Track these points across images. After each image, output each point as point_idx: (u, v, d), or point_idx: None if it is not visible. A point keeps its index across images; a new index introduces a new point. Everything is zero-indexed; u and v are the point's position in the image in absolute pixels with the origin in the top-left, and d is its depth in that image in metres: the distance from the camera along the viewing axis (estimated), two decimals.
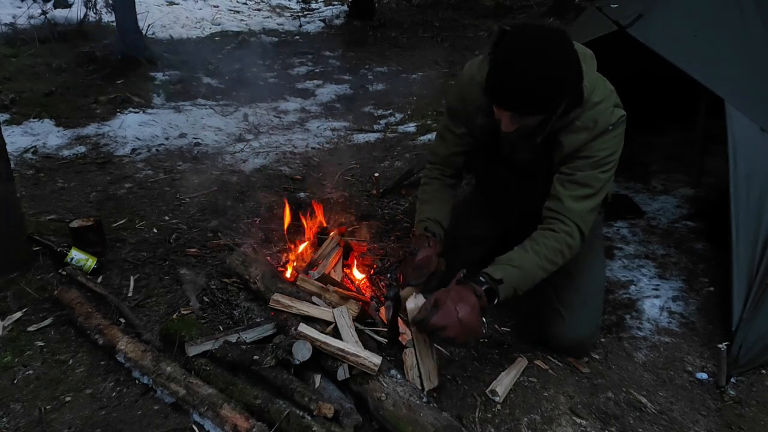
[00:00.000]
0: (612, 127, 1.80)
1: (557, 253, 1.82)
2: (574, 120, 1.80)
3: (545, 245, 1.82)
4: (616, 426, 1.82)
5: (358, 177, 3.67)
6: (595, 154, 1.81)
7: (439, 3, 9.15)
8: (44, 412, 1.88)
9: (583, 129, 1.80)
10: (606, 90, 1.83)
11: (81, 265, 2.55)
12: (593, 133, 1.80)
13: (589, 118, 1.79)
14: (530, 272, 1.81)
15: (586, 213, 1.84)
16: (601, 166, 1.83)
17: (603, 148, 1.81)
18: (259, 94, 5.32)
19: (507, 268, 1.79)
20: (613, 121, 1.80)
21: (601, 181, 1.84)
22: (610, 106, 1.81)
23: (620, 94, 1.90)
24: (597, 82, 1.82)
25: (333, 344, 1.84)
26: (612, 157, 1.84)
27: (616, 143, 1.84)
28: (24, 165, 3.81)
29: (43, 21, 7.07)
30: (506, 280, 1.77)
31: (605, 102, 1.81)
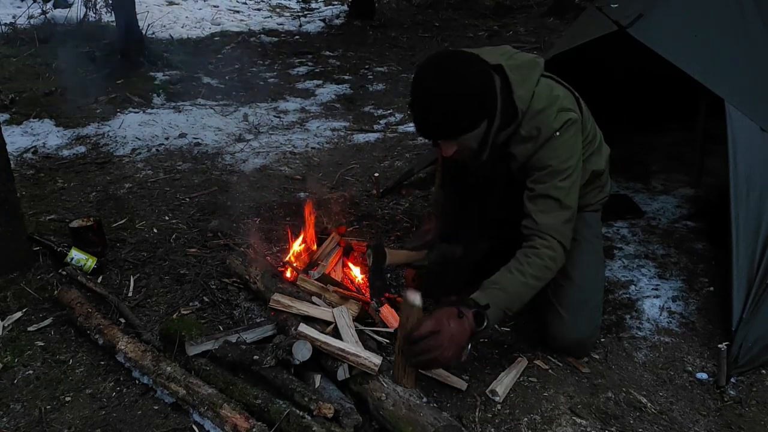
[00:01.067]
0: (558, 134, 1.82)
1: (542, 269, 1.84)
2: (518, 130, 1.85)
3: (528, 263, 1.84)
4: (616, 426, 1.82)
5: (358, 177, 3.67)
6: (548, 163, 1.84)
7: (439, 3, 9.15)
8: (44, 412, 1.88)
9: (529, 138, 1.85)
10: (550, 96, 1.85)
11: (81, 265, 2.55)
12: (539, 141, 1.83)
13: (532, 127, 1.83)
14: (516, 293, 1.83)
15: (561, 225, 1.87)
16: (559, 174, 1.85)
17: (554, 156, 1.84)
18: (259, 94, 5.32)
19: (493, 292, 1.81)
20: (557, 127, 1.82)
21: (563, 190, 1.85)
22: (554, 112, 1.83)
23: (620, 94, 1.90)
24: (539, 90, 1.84)
25: (333, 344, 1.84)
26: (567, 163, 1.85)
27: (568, 149, 1.86)
28: (24, 165, 3.81)
29: (43, 21, 7.07)
30: (493, 305, 1.78)
31: (548, 108, 1.83)
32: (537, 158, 1.85)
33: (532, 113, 1.83)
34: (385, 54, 6.95)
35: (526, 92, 1.82)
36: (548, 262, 1.85)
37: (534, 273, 1.83)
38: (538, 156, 1.85)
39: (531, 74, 1.85)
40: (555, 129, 1.82)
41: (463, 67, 1.74)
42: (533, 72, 1.86)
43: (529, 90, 1.82)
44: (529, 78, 1.84)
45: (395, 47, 7.25)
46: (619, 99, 3.47)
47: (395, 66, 6.45)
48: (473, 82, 1.73)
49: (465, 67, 1.74)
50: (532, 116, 1.83)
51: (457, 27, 8.07)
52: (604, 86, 3.26)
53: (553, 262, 1.85)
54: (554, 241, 1.85)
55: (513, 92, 1.81)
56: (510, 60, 1.86)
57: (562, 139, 1.83)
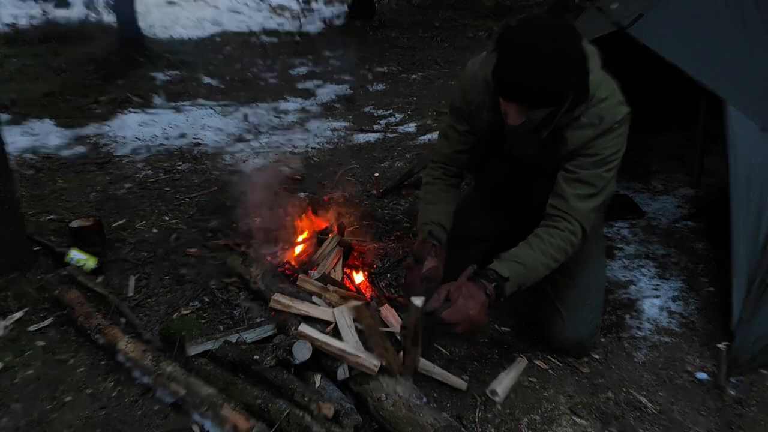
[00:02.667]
0: (617, 125, 1.80)
1: (561, 251, 1.83)
2: (579, 116, 1.79)
3: (550, 243, 1.82)
4: (616, 426, 1.82)
5: (358, 177, 3.67)
6: (599, 152, 1.81)
7: (439, 3, 9.14)
8: (44, 412, 1.88)
9: (589, 125, 1.79)
10: (611, 86, 1.83)
11: (81, 265, 2.55)
12: (599, 130, 1.79)
13: (595, 115, 1.79)
14: (534, 269, 1.81)
15: (590, 212, 1.85)
16: (606, 164, 1.82)
17: (607, 146, 1.81)
18: (259, 94, 5.32)
19: (513, 265, 1.79)
20: (618, 119, 1.80)
21: (604, 180, 1.84)
22: (615, 103, 1.81)
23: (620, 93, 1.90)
24: (602, 78, 1.81)
25: (333, 344, 1.84)
26: (616, 155, 1.83)
27: (620, 141, 1.84)
28: (24, 165, 3.81)
29: (44, 21, 7.07)
30: (512, 278, 1.77)
31: (610, 99, 1.80)
32: (593, 145, 1.81)
33: (595, 101, 1.79)
34: (385, 54, 6.95)
35: (596, 78, 1.79)
36: (568, 246, 1.83)
37: (554, 254, 1.82)
38: (595, 143, 1.80)
39: (597, 61, 1.83)
40: (616, 120, 1.79)
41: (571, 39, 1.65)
42: (597, 59, 1.84)
43: (597, 76, 1.79)
44: (596, 65, 1.81)
45: (395, 47, 7.24)
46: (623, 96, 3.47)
47: (395, 66, 6.44)
48: (578, 57, 1.67)
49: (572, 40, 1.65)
50: (595, 104, 1.79)
51: (457, 27, 8.07)
52: None
53: (571, 245, 1.84)
54: (578, 225, 1.83)
55: (588, 76, 1.77)
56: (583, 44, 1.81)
57: (619, 131, 1.81)
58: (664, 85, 3.12)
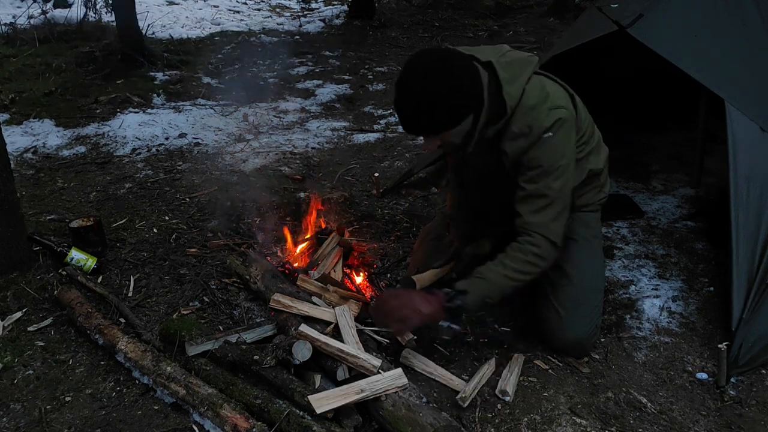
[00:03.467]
0: (551, 133, 1.83)
1: (524, 263, 1.88)
2: (509, 126, 1.86)
3: (511, 257, 1.89)
4: (616, 426, 1.82)
5: (358, 177, 3.67)
6: (540, 164, 1.86)
7: (439, 3, 9.14)
8: (44, 412, 1.88)
9: (520, 135, 1.86)
10: (541, 94, 1.86)
11: (81, 265, 2.55)
12: (530, 138, 1.84)
13: (524, 124, 1.84)
14: (495, 282, 1.89)
15: (549, 222, 1.89)
16: (551, 174, 1.86)
17: (546, 156, 1.85)
18: (259, 94, 5.31)
19: (474, 280, 1.89)
20: (548, 125, 1.83)
21: (554, 189, 1.87)
22: (545, 110, 1.83)
23: (620, 94, 1.90)
24: (531, 87, 1.85)
25: (333, 345, 1.84)
26: (559, 162, 1.86)
27: (560, 148, 1.86)
28: (24, 165, 3.81)
29: (43, 21, 7.07)
30: (471, 291, 1.87)
31: (540, 106, 1.84)
32: (529, 157, 1.86)
33: (523, 110, 1.84)
34: (385, 54, 6.94)
35: (515, 89, 1.83)
36: (531, 257, 1.88)
37: (515, 267, 1.88)
38: (530, 155, 1.86)
39: (522, 71, 1.86)
40: (546, 127, 1.82)
41: (443, 63, 1.75)
42: (525, 69, 1.88)
43: (519, 86, 1.84)
44: (520, 75, 1.85)
45: (395, 47, 7.24)
46: (619, 99, 3.48)
47: (395, 66, 6.43)
48: (453, 78, 1.74)
49: (445, 64, 1.76)
50: (523, 113, 1.84)
51: (457, 27, 8.07)
52: (605, 86, 3.27)
53: (537, 257, 1.88)
54: (540, 237, 1.88)
55: (502, 88, 1.83)
56: (502, 57, 1.88)
57: (555, 138, 1.84)
58: (664, 85, 3.12)
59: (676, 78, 2.43)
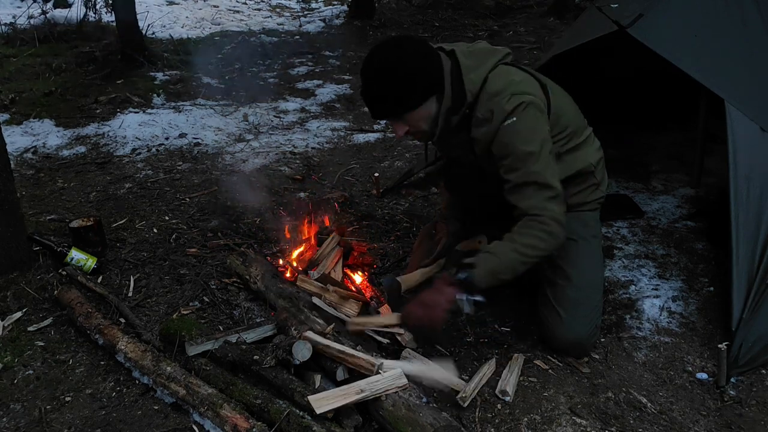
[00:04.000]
0: (514, 118, 1.84)
1: (534, 237, 1.87)
2: (473, 113, 1.91)
3: (518, 233, 1.89)
4: (616, 426, 1.82)
5: (358, 177, 3.67)
6: (509, 151, 1.87)
7: (439, 3, 9.14)
8: (44, 412, 1.88)
9: (483, 120, 1.89)
10: (505, 81, 1.89)
11: (81, 265, 2.55)
12: (494, 124, 1.87)
13: (486, 109, 1.88)
14: (505, 257, 1.87)
15: (545, 201, 1.88)
16: (524, 159, 1.86)
17: (515, 141, 1.86)
18: (259, 94, 5.31)
19: (482, 255, 1.89)
20: (509, 109, 1.84)
21: (536, 174, 1.86)
22: (507, 95, 1.86)
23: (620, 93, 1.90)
24: (495, 75, 1.89)
25: (334, 347, 1.84)
26: (531, 146, 1.86)
27: (528, 131, 1.87)
28: (24, 165, 3.81)
29: (43, 21, 7.06)
30: (479, 264, 1.85)
31: (502, 92, 1.87)
32: (497, 143, 1.88)
33: (486, 96, 1.88)
34: None
35: (477, 76, 1.88)
36: (541, 234, 1.87)
37: (525, 242, 1.86)
38: (497, 141, 1.88)
39: (486, 60, 1.91)
40: (507, 111, 1.84)
41: (399, 48, 1.83)
42: (489, 58, 1.92)
43: (481, 74, 1.88)
44: (483, 63, 1.90)
45: None
46: (620, 99, 3.48)
47: None
48: (408, 61, 1.81)
49: (401, 48, 1.83)
50: (486, 99, 1.88)
51: (457, 27, 8.06)
52: (605, 86, 3.27)
53: (547, 234, 1.86)
54: (546, 217, 1.87)
55: (462, 75, 1.87)
56: (468, 48, 1.94)
57: (519, 123, 1.85)
58: (664, 85, 3.12)
59: (676, 78, 2.43)
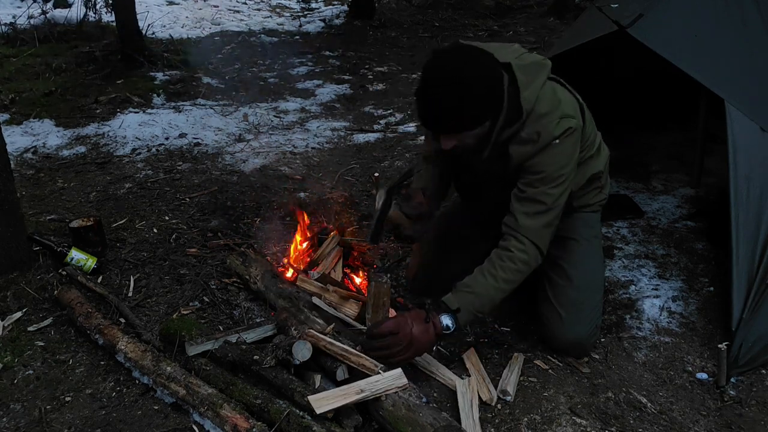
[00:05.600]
0: (558, 141, 1.82)
1: (514, 272, 1.87)
2: (519, 131, 1.84)
3: (501, 267, 1.87)
4: (616, 426, 1.82)
5: (358, 177, 3.67)
6: (543, 169, 1.84)
7: (439, 3, 9.14)
8: (44, 412, 1.88)
9: (528, 141, 1.84)
10: (553, 101, 1.84)
11: (81, 265, 2.55)
12: (537, 146, 1.83)
13: (533, 131, 1.83)
14: (487, 296, 1.87)
15: (541, 228, 1.88)
16: (552, 181, 1.85)
17: (550, 163, 1.84)
18: (259, 94, 5.32)
19: (464, 296, 1.86)
20: (557, 134, 1.81)
21: (552, 197, 1.86)
22: (556, 118, 1.82)
23: (620, 93, 1.90)
24: (543, 93, 1.83)
25: (336, 345, 1.84)
26: (562, 171, 1.85)
27: (565, 157, 1.86)
28: (24, 165, 3.81)
29: (43, 21, 7.06)
30: (463, 308, 1.84)
31: (551, 114, 1.82)
32: (533, 163, 1.85)
33: (534, 116, 1.82)
34: (385, 54, 6.94)
35: (531, 94, 1.81)
36: (521, 266, 1.87)
37: (506, 277, 1.86)
38: (534, 161, 1.85)
39: (538, 76, 1.85)
40: (555, 136, 1.81)
41: (473, 62, 1.73)
42: (540, 74, 1.86)
43: (534, 92, 1.81)
44: (535, 79, 1.83)
45: (395, 47, 7.24)
46: (620, 99, 3.47)
47: (395, 66, 6.44)
48: (481, 79, 1.72)
49: (475, 63, 1.73)
50: (534, 119, 1.82)
51: (457, 27, 8.06)
52: (605, 86, 3.27)
53: (525, 265, 1.87)
54: (529, 243, 1.87)
55: (520, 92, 1.81)
56: (519, 59, 1.85)
57: (561, 147, 1.83)
58: (664, 85, 3.12)
59: (676, 78, 2.43)
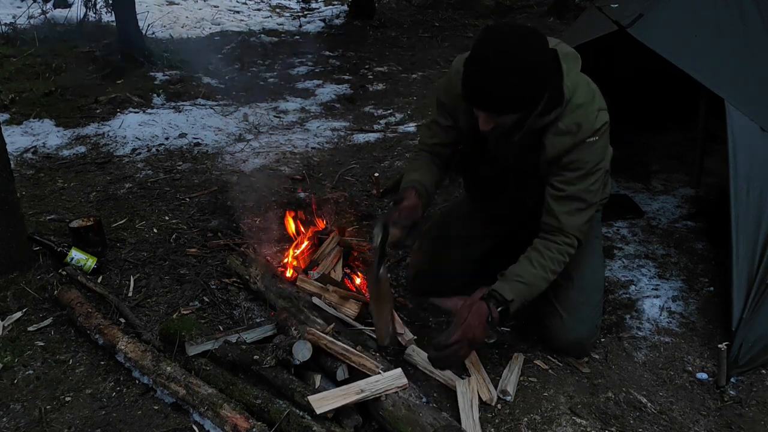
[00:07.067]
0: (597, 136, 1.80)
1: (560, 263, 1.88)
2: (556, 121, 1.79)
3: (549, 258, 1.86)
4: (616, 426, 1.82)
5: (358, 177, 3.67)
6: (582, 166, 1.82)
7: (439, 3, 9.14)
8: (44, 412, 1.88)
9: (567, 132, 1.79)
10: (589, 92, 1.82)
11: (81, 265, 2.55)
12: (577, 138, 1.78)
13: (572, 121, 1.78)
14: (536, 285, 1.86)
15: (583, 224, 1.89)
16: (591, 176, 1.84)
17: (589, 159, 1.81)
18: (259, 94, 5.31)
19: (516, 285, 1.83)
20: (597, 127, 1.79)
21: (593, 193, 1.86)
22: (594, 110, 1.80)
23: (620, 93, 1.90)
24: (579, 83, 1.80)
25: (337, 344, 1.84)
26: (600, 165, 1.85)
27: (603, 151, 1.85)
28: (24, 165, 3.81)
29: (43, 21, 7.07)
30: (516, 298, 1.81)
31: (588, 105, 1.79)
32: (572, 159, 1.80)
33: (573, 106, 1.78)
34: (385, 54, 6.94)
35: (572, 82, 1.77)
36: (566, 258, 1.88)
37: (554, 267, 1.86)
38: (573, 156, 1.80)
39: (575, 65, 1.82)
40: (595, 129, 1.78)
41: (533, 43, 1.65)
42: (577, 64, 1.83)
43: (574, 81, 1.78)
44: (573, 68, 1.81)
45: (395, 47, 7.24)
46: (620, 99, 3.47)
47: (395, 66, 6.44)
48: (541, 63, 1.66)
49: (535, 45, 1.65)
50: (572, 110, 1.78)
51: (457, 27, 8.06)
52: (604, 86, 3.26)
53: (569, 257, 1.89)
54: (575, 239, 1.88)
55: (562, 79, 1.76)
56: (558, 47, 1.82)
57: (601, 141, 1.81)
58: (664, 85, 3.12)
59: (676, 78, 2.43)
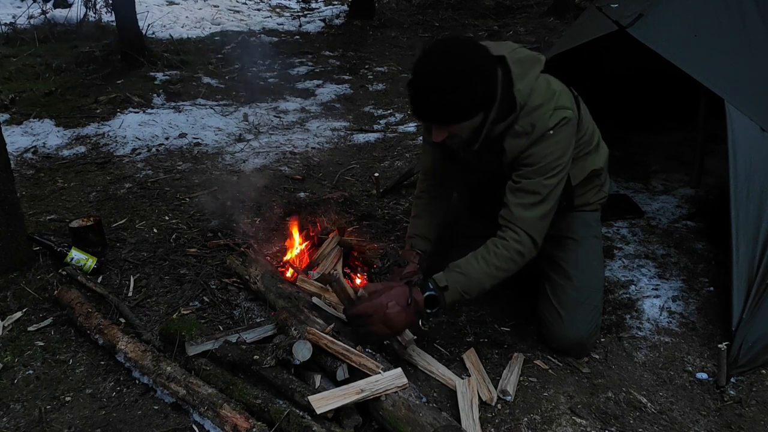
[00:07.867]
0: (552, 132, 1.82)
1: (507, 261, 1.87)
2: (513, 124, 1.84)
3: (495, 254, 1.87)
4: (616, 426, 1.82)
5: (358, 177, 3.67)
6: (538, 160, 1.84)
7: (439, 3, 9.15)
8: (44, 412, 1.88)
9: (522, 134, 1.84)
10: (547, 92, 1.84)
11: (81, 265, 2.55)
12: (532, 138, 1.83)
13: (527, 123, 1.83)
14: (476, 280, 1.87)
15: (536, 220, 1.88)
16: (547, 172, 1.85)
17: (545, 154, 1.84)
18: (259, 94, 5.32)
19: (455, 275, 1.87)
20: (551, 125, 1.81)
21: (547, 188, 1.86)
22: (550, 110, 1.82)
23: (620, 93, 1.90)
24: (537, 86, 1.83)
25: (338, 344, 1.84)
26: (557, 161, 1.85)
27: (560, 147, 1.85)
28: (24, 165, 3.81)
29: (43, 21, 7.08)
30: (451, 287, 1.85)
31: (545, 106, 1.82)
32: (528, 154, 1.85)
33: (528, 109, 1.82)
34: (385, 54, 6.94)
35: (525, 86, 1.81)
36: (514, 255, 1.87)
37: (498, 264, 1.87)
38: (529, 152, 1.84)
39: (532, 69, 1.85)
40: (549, 127, 1.81)
41: (465, 54, 1.73)
42: (534, 67, 1.86)
43: (528, 84, 1.82)
44: (529, 72, 1.84)
45: (395, 47, 7.24)
46: (620, 99, 3.48)
47: (395, 66, 6.44)
48: (474, 71, 1.72)
49: (468, 55, 1.73)
50: (528, 112, 1.82)
51: (457, 27, 8.07)
52: (605, 86, 3.27)
53: (519, 255, 1.87)
54: (525, 235, 1.87)
55: (513, 85, 1.81)
56: (513, 53, 1.86)
57: (556, 138, 1.83)
58: (664, 85, 3.12)
59: (676, 78, 2.43)
